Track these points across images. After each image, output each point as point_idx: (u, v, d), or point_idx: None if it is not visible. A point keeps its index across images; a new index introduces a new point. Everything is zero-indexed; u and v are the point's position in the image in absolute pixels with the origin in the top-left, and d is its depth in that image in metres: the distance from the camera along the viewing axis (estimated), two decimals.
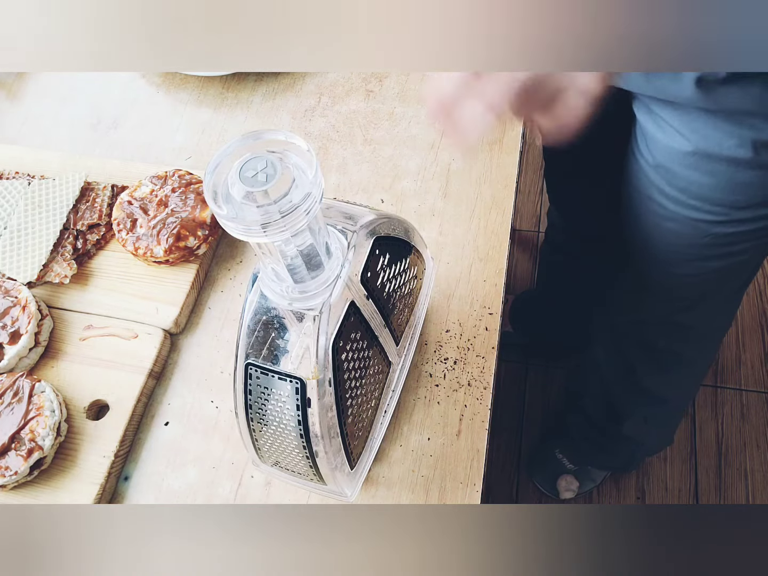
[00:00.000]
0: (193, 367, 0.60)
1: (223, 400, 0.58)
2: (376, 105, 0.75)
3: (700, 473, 1.29)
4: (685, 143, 0.61)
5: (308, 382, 0.41)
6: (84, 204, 0.65)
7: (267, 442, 0.46)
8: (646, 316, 0.92)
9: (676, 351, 0.94)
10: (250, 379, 0.43)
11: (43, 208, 0.64)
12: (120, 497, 0.55)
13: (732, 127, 0.58)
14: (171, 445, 0.57)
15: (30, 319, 0.57)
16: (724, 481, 1.28)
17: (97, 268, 0.63)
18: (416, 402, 0.57)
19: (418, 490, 0.54)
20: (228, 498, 0.54)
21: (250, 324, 0.42)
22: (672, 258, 0.75)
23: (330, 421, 0.44)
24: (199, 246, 0.61)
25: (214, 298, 0.63)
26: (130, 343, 0.59)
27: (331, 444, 0.45)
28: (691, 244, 0.71)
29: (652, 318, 0.91)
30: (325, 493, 0.52)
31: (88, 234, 0.64)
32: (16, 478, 0.52)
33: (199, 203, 0.62)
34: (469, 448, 0.55)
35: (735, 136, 0.58)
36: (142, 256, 0.61)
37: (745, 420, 1.34)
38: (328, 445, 0.44)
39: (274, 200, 0.33)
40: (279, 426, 0.44)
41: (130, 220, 0.62)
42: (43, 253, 0.62)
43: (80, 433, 0.55)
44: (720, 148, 0.59)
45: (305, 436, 0.43)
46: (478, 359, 0.59)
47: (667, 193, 0.67)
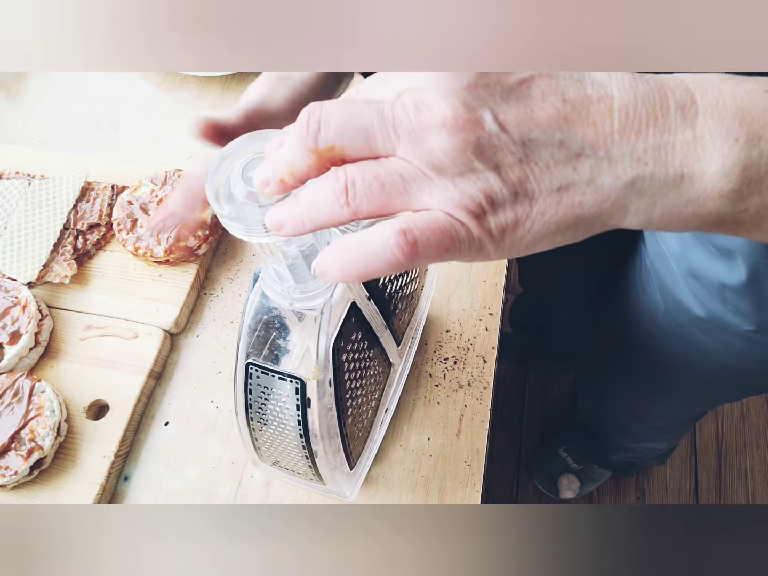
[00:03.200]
0: (193, 367, 0.60)
1: (223, 400, 0.58)
2: None
3: (700, 473, 1.30)
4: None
5: (308, 382, 0.41)
6: (84, 204, 0.65)
7: (266, 442, 0.46)
8: (624, 406, 0.91)
9: (654, 427, 0.94)
10: (250, 378, 0.43)
11: (43, 208, 0.64)
12: (120, 497, 0.55)
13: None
14: (171, 445, 0.57)
15: (30, 319, 0.57)
16: (724, 481, 1.28)
17: (97, 268, 0.63)
18: (416, 402, 0.57)
19: (418, 490, 0.54)
20: (228, 498, 0.54)
21: (251, 324, 0.42)
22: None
23: (330, 422, 0.44)
24: (199, 246, 0.61)
25: (214, 298, 0.63)
26: (130, 343, 0.59)
27: (331, 444, 0.45)
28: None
29: (631, 407, 0.90)
30: (325, 493, 0.52)
31: (88, 234, 0.64)
32: (16, 478, 0.52)
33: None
34: (469, 448, 0.55)
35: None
36: (142, 256, 0.61)
37: (745, 420, 1.34)
38: (328, 445, 0.44)
39: (277, 200, 0.33)
40: (279, 426, 0.44)
41: (130, 220, 0.62)
42: (43, 253, 0.62)
43: (80, 433, 0.55)
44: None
45: (305, 436, 0.43)
46: (478, 359, 0.59)
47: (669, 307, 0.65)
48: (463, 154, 0.23)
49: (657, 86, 0.24)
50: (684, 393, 0.77)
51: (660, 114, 0.24)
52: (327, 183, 0.25)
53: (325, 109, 0.25)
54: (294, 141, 0.26)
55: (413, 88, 0.25)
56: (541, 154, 0.24)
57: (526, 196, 0.24)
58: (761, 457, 1.30)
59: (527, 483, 1.30)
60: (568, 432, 1.26)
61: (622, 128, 0.24)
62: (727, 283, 0.54)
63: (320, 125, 0.25)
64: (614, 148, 0.24)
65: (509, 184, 0.24)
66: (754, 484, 1.28)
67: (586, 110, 0.24)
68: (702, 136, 0.23)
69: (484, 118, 0.23)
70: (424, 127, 0.24)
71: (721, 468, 1.30)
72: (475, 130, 0.23)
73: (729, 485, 1.28)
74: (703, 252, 0.56)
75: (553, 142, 0.23)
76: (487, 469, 0.55)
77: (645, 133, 0.24)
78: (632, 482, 1.29)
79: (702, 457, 1.31)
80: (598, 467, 1.24)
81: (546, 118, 0.24)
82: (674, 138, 0.23)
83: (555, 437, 1.29)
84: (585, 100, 0.24)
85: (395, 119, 0.24)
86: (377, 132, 0.24)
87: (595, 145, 0.24)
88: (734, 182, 0.23)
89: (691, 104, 0.24)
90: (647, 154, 0.24)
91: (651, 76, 0.25)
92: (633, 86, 0.24)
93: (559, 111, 0.24)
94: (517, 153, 0.23)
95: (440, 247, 0.24)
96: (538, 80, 0.24)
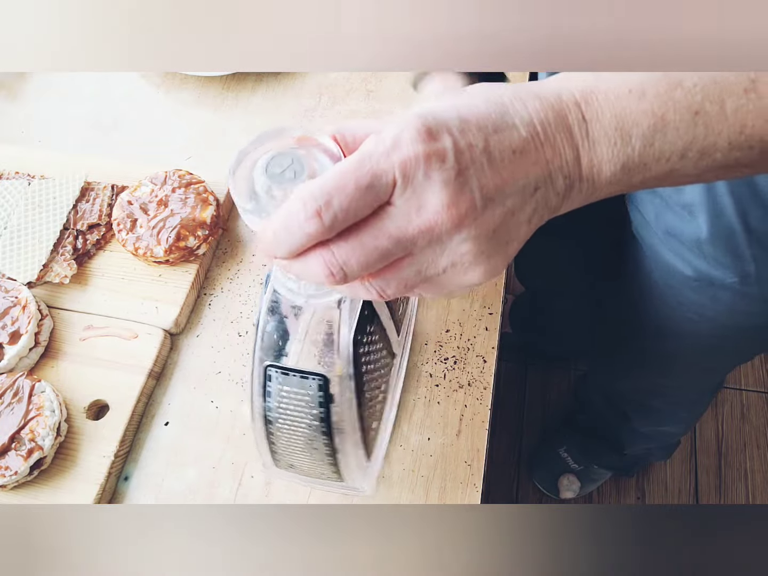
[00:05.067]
0: (193, 367, 0.60)
1: (223, 400, 0.58)
2: (376, 105, 0.75)
3: (700, 473, 1.30)
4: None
5: (331, 378, 0.41)
6: (84, 204, 0.65)
7: (284, 445, 0.46)
8: (642, 383, 0.91)
9: (674, 402, 0.94)
10: (269, 381, 0.42)
11: (43, 208, 0.64)
12: (120, 497, 0.55)
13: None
14: (171, 445, 0.57)
15: (30, 319, 0.57)
16: (724, 481, 1.28)
17: (97, 268, 0.63)
18: (416, 402, 0.57)
19: (418, 490, 0.54)
20: (228, 498, 0.54)
21: (266, 325, 0.42)
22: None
23: (351, 416, 0.44)
24: (199, 246, 0.61)
25: (214, 298, 0.63)
26: (130, 343, 0.59)
27: (353, 439, 0.44)
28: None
29: (649, 384, 0.91)
30: (340, 490, 0.51)
31: (88, 234, 0.64)
32: (16, 478, 0.52)
33: (199, 203, 0.62)
34: (469, 448, 0.55)
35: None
36: (142, 256, 0.61)
37: (745, 420, 1.34)
38: (351, 439, 0.44)
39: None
40: (299, 426, 0.44)
41: (130, 220, 0.62)
42: (43, 253, 0.62)
43: (80, 433, 0.55)
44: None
45: (328, 433, 0.43)
46: (478, 359, 0.59)
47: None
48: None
49: (558, 109, 0.31)
50: (692, 361, 0.79)
51: (567, 135, 0.31)
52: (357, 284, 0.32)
53: (340, 257, 0.30)
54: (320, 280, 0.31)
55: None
56: (512, 201, 0.30)
57: (508, 235, 0.31)
58: (761, 457, 1.30)
59: (527, 483, 1.30)
60: (568, 432, 1.26)
61: (553, 155, 0.30)
62: (700, 237, 0.58)
63: (345, 271, 0.30)
64: (552, 173, 0.31)
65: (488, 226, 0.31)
66: (754, 484, 1.28)
67: (531, 152, 0.30)
68: (593, 145, 0.31)
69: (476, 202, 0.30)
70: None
71: (721, 468, 1.30)
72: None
73: (729, 485, 1.28)
74: (671, 213, 0.60)
75: (518, 190, 0.30)
76: (487, 469, 0.55)
77: (564, 152, 0.31)
78: (632, 482, 1.29)
79: (702, 458, 1.31)
80: (599, 467, 1.24)
81: (509, 173, 0.30)
82: (581, 150, 0.31)
83: (555, 437, 1.29)
84: (526, 144, 0.30)
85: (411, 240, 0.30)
86: (396, 254, 0.30)
87: (542, 178, 0.30)
88: (619, 174, 0.31)
89: (582, 121, 0.31)
90: (570, 166, 0.31)
91: (550, 98, 0.31)
92: (546, 116, 0.30)
93: (515, 163, 0.30)
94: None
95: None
96: (472, 150, 0.29)
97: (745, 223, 0.55)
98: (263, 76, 0.78)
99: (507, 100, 0.31)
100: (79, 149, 0.74)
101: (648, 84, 0.30)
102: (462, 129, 0.29)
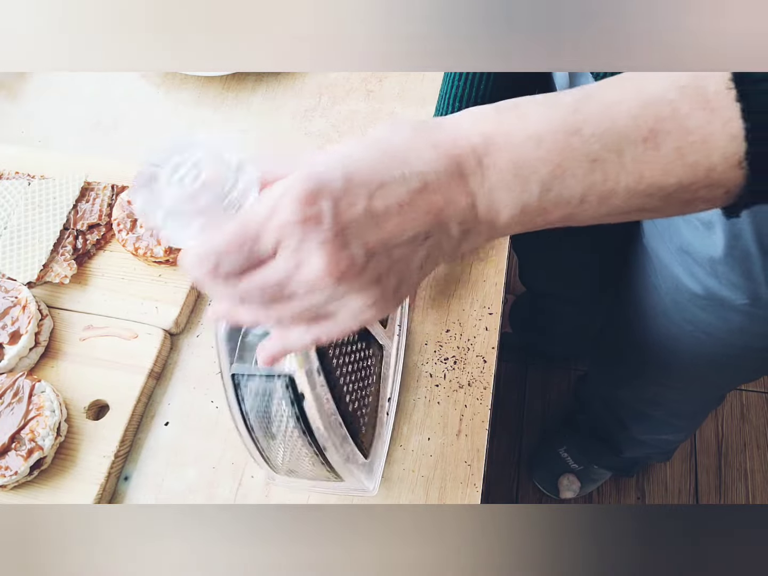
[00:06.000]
0: (193, 367, 0.60)
1: (223, 400, 0.58)
2: (376, 105, 0.75)
3: (700, 473, 1.29)
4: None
5: (296, 375, 0.41)
6: (84, 204, 0.65)
7: (274, 450, 0.46)
8: (642, 394, 0.91)
9: (674, 413, 0.94)
10: (239, 389, 0.43)
11: (43, 208, 0.64)
12: (120, 497, 0.55)
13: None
14: (171, 445, 0.57)
15: (30, 319, 0.57)
16: (724, 481, 1.28)
17: (97, 268, 0.63)
18: (416, 402, 0.57)
19: (418, 490, 0.54)
20: (228, 498, 0.54)
21: (226, 330, 0.43)
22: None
23: (329, 411, 0.44)
24: None
25: None
26: (130, 343, 0.59)
27: (336, 434, 0.44)
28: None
29: (649, 395, 0.90)
30: (346, 492, 0.51)
31: (88, 234, 0.64)
32: (16, 478, 0.52)
33: None
34: (469, 448, 0.55)
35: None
36: (142, 256, 0.61)
37: (745, 420, 1.34)
38: (334, 435, 0.44)
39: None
40: (279, 428, 0.44)
41: (130, 220, 0.62)
42: (43, 253, 0.62)
43: (80, 433, 0.55)
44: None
45: (308, 432, 0.43)
46: (478, 359, 0.59)
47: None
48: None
49: (454, 157, 0.31)
50: (696, 376, 0.78)
51: (462, 183, 0.31)
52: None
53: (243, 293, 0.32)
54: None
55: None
56: (400, 251, 0.32)
57: (398, 281, 0.32)
58: (761, 457, 1.30)
59: (527, 483, 1.30)
60: (568, 432, 1.26)
61: (446, 203, 0.31)
62: (714, 255, 0.57)
63: (246, 298, 0.32)
64: (445, 221, 0.31)
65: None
66: (754, 484, 1.28)
67: (421, 203, 0.31)
68: (490, 192, 0.31)
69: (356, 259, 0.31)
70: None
71: (721, 468, 1.30)
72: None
73: (729, 485, 1.28)
74: (687, 227, 0.59)
75: (406, 241, 0.31)
76: (487, 469, 0.55)
77: (458, 200, 0.31)
78: (632, 482, 1.29)
79: (702, 458, 1.31)
80: (599, 467, 1.24)
81: (395, 226, 0.31)
82: (477, 197, 0.32)
83: (555, 437, 1.28)
84: (415, 195, 0.31)
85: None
86: (282, 295, 0.32)
87: (435, 225, 0.31)
88: (518, 216, 0.32)
89: (478, 167, 0.31)
90: (465, 213, 0.32)
91: (446, 145, 0.31)
92: (439, 166, 0.31)
93: (403, 215, 0.31)
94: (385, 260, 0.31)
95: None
96: (374, 201, 0.30)
97: (761, 246, 0.54)
98: (263, 76, 0.78)
99: (401, 150, 0.31)
100: (79, 149, 0.74)
101: (545, 131, 0.31)
102: (345, 189, 0.30)
